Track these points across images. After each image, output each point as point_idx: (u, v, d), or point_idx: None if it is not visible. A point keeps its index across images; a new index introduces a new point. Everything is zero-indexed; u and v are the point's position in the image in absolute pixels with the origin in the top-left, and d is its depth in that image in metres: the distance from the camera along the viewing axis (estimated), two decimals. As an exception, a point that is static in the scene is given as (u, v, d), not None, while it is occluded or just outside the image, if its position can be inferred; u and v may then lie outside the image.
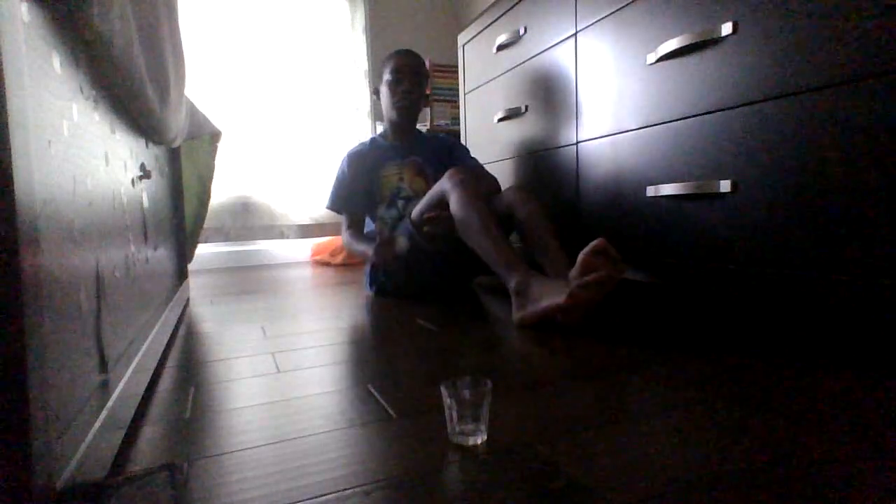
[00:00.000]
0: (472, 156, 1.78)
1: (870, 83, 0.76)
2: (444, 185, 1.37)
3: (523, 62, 1.65)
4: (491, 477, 0.50)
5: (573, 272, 1.02)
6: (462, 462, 0.53)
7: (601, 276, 0.96)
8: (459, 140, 1.83)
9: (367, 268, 1.64)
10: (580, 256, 1.01)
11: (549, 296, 1.04)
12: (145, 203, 0.96)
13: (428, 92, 1.78)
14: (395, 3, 2.82)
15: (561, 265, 1.21)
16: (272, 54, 2.52)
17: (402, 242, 1.41)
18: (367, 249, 1.53)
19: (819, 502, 0.44)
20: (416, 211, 1.48)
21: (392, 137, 1.75)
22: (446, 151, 1.76)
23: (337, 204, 1.72)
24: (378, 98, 1.76)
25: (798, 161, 0.87)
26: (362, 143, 1.76)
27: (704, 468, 0.50)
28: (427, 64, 2.34)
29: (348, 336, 1.07)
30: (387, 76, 1.66)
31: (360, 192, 1.70)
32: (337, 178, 1.73)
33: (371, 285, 1.62)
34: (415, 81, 1.66)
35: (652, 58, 1.12)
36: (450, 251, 1.46)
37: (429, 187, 1.63)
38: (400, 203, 1.66)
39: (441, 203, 1.40)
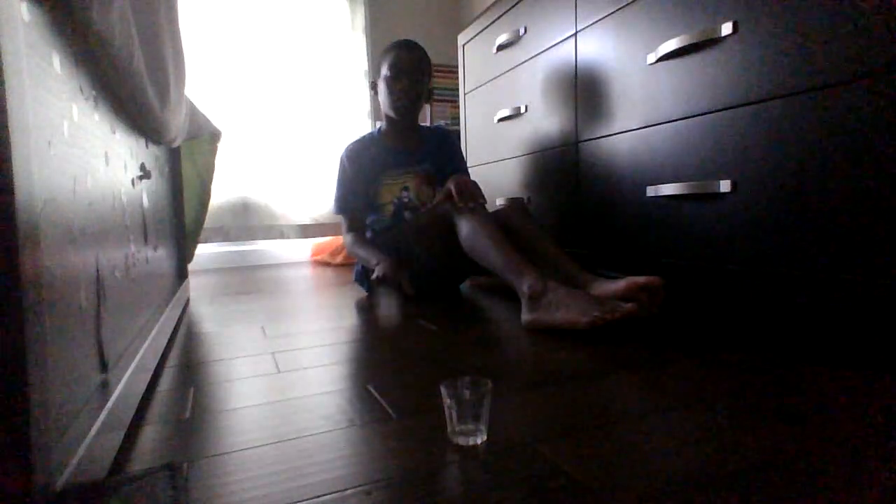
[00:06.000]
0: (463, 158, 1.74)
1: (870, 83, 0.76)
2: (450, 208, 1.33)
3: (523, 62, 1.65)
4: (491, 477, 0.50)
5: (611, 289, 1.06)
6: (462, 462, 0.53)
7: (632, 309, 0.96)
8: (450, 134, 1.76)
9: (358, 267, 1.62)
10: (628, 281, 1.05)
11: (569, 311, 0.99)
12: (145, 203, 0.96)
13: (430, 86, 1.65)
14: (395, 3, 2.82)
15: (575, 272, 1.21)
16: (272, 54, 2.52)
17: (404, 273, 1.37)
18: (371, 258, 1.47)
19: (819, 502, 0.44)
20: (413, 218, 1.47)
21: (393, 137, 1.66)
22: (437, 145, 1.69)
23: (347, 205, 1.61)
24: (375, 93, 1.65)
25: (798, 161, 0.87)
26: (362, 138, 1.67)
27: (704, 468, 0.50)
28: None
29: (348, 336, 1.07)
30: (385, 71, 1.56)
31: (360, 191, 1.62)
32: (339, 178, 1.64)
33: (360, 282, 1.63)
34: (414, 78, 1.55)
35: (652, 58, 1.12)
36: (442, 252, 1.43)
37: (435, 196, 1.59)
38: (406, 214, 1.61)
39: (444, 219, 1.35)
